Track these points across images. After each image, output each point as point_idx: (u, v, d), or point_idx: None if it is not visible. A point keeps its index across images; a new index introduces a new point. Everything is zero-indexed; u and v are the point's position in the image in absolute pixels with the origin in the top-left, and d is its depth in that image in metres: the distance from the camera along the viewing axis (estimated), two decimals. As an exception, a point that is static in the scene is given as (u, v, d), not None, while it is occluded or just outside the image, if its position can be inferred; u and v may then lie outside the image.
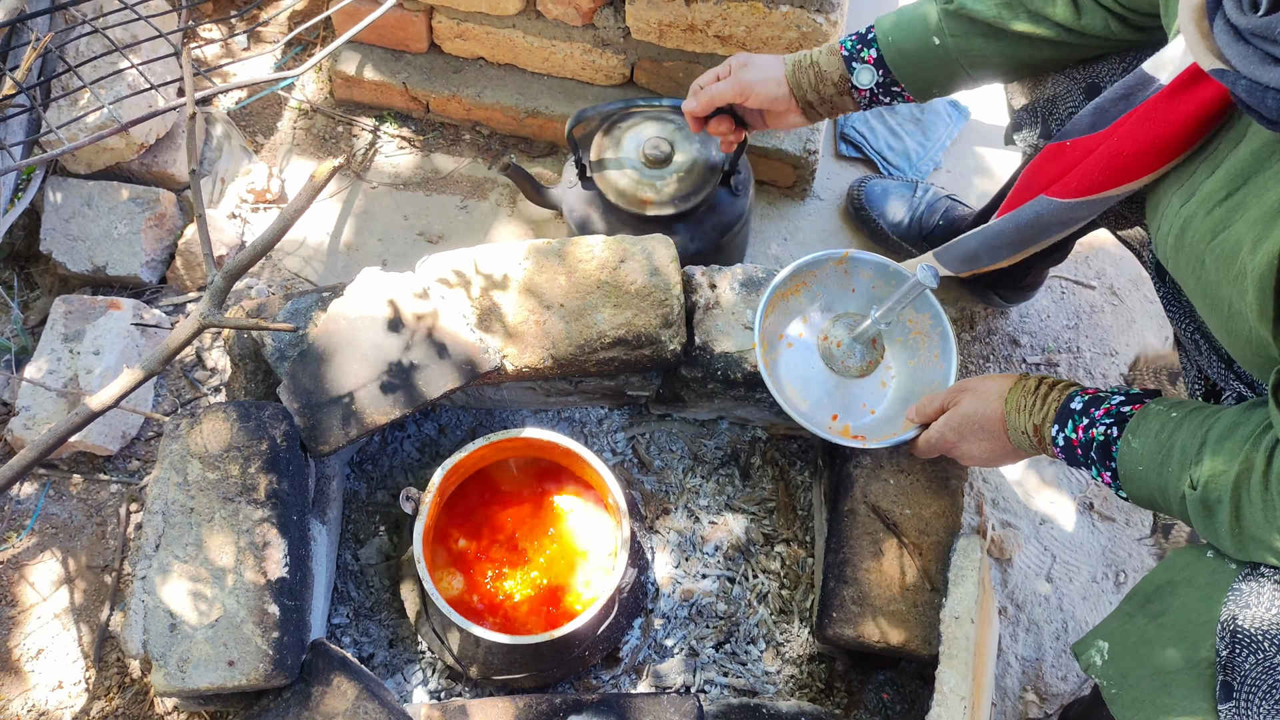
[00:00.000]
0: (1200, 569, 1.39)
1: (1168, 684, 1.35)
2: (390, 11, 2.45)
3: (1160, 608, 1.41)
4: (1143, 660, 1.39)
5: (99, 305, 2.30)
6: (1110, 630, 1.47)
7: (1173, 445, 1.39)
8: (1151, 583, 1.45)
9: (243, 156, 2.63)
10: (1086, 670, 1.48)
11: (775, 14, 2.23)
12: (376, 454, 2.23)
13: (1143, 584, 1.46)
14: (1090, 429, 1.51)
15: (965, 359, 2.52)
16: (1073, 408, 1.55)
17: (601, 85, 2.58)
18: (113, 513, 2.22)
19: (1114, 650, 1.44)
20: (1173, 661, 1.35)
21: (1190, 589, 1.38)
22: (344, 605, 2.10)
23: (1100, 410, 1.51)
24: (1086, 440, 1.52)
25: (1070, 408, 1.55)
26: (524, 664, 1.96)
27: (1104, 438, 1.49)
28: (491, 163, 2.68)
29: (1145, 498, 1.47)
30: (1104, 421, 1.50)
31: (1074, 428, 1.54)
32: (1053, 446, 1.58)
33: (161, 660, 1.71)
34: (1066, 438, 1.55)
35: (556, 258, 2.02)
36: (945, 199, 2.53)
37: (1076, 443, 1.54)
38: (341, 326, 1.94)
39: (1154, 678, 1.36)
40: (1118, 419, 1.49)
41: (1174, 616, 1.38)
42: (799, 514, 2.22)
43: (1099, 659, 1.46)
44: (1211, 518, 1.34)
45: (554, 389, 2.16)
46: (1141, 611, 1.44)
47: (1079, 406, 1.54)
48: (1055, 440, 1.57)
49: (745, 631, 2.12)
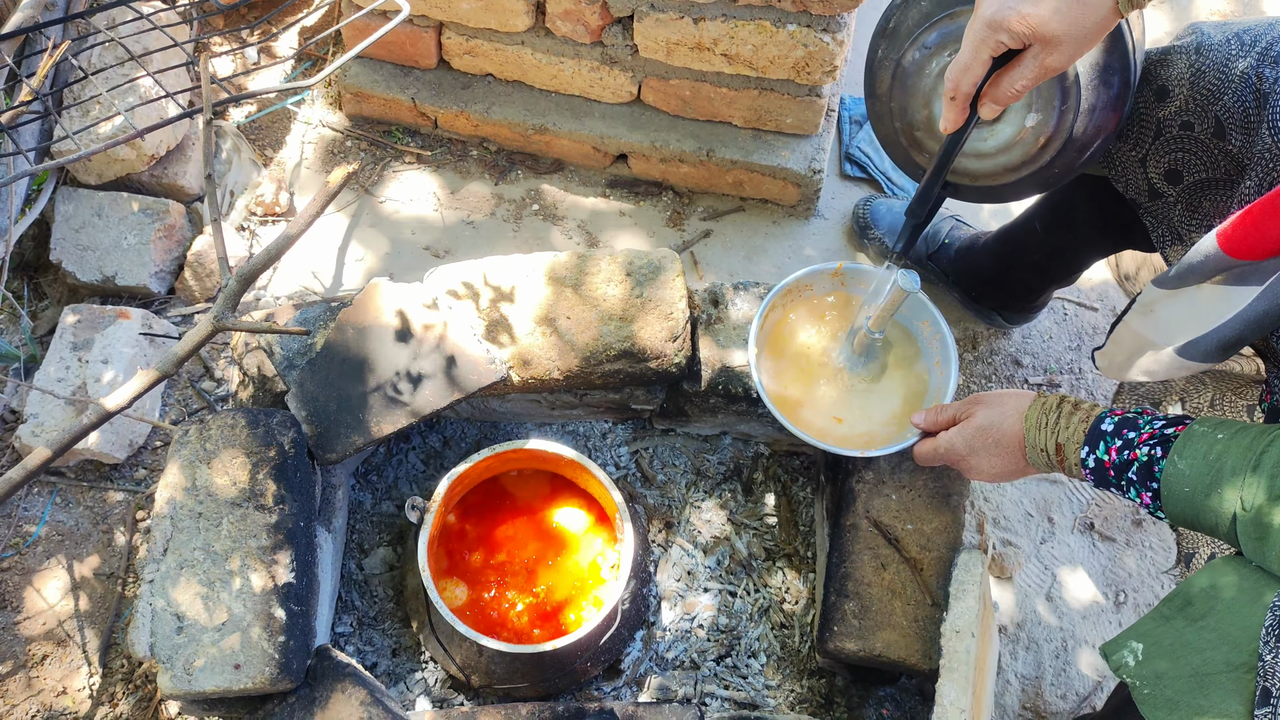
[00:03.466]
0: (1246, 576, 1.39)
1: (1205, 686, 1.35)
2: (400, 27, 2.49)
3: (1201, 610, 1.41)
4: (1180, 662, 1.39)
5: (108, 315, 2.31)
6: (1145, 632, 1.47)
7: (1222, 466, 1.38)
8: (1194, 585, 1.44)
9: (252, 170, 2.66)
10: (1117, 671, 1.48)
11: (782, 33, 2.26)
12: (381, 465, 2.24)
13: (1183, 587, 1.46)
14: (1127, 450, 1.50)
15: (968, 379, 2.53)
16: (1104, 429, 1.53)
17: (609, 103, 2.60)
18: (119, 520, 2.23)
19: (1149, 651, 1.44)
20: (1212, 664, 1.35)
21: (1236, 594, 1.38)
22: (348, 614, 2.10)
23: (1140, 434, 1.49)
24: (1124, 461, 1.50)
25: (1101, 429, 1.54)
26: (526, 674, 1.97)
27: (1147, 459, 1.47)
28: (498, 178, 2.70)
29: (1188, 518, 1.45)
30: (1148, 444, 1.47)
31: (1106, 449, 1.52)
32: (1080, 468, 1.56)
33: (168, 663, 1.72)
34: (1098, 459, 1.53)
35: (564, 271, 2.04)
36: (950, 219, 2.55)
37: (1109, 464, 1.52)
38: (349, 336, 1.96)
39: (1190, 679, 1.36)
40: (1161, 440, 1.47)
41: (1216, 620, 1.38)
42: (800, 529, 2.23)
43: (1132, 660, 1.45)
44: (1264, 540, 1.33)
45: (559, 402, 2.17)
46: (1181, 614, 1.43)
47: (1110, 428, 1.53)
48: (1085, 461, 1.55)
49: (746, 645, 2.13)
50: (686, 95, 2.52)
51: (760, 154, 2.56)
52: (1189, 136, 1.68)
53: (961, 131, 1.59)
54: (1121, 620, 2.31)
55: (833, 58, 2.30)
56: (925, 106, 1.75)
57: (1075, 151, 1.69)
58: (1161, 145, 1.72)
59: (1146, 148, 1.74)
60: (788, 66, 2.35)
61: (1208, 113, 1.64)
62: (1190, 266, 1.55)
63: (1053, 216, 2.21)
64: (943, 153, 1.63)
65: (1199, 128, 1.66)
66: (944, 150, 1.62)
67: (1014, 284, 2.43)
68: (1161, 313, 1.66)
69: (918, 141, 1.79)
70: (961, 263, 2.49)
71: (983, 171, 1.76)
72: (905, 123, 1.78)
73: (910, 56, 1.72)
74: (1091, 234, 2.16)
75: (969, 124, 1.58)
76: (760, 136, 2.57)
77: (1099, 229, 2.13)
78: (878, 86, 1.80)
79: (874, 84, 1.81)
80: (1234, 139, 1.62)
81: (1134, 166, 1.77)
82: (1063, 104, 1.64)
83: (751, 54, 2.34)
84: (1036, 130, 1.68)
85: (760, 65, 2.36)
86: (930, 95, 1.73)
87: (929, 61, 1.71)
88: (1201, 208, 1.73)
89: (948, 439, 1.77)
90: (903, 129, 1.79)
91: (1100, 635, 2.29)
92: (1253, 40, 1.60)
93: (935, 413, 1.83)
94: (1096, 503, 2.42)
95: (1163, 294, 1.63)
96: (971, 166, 1.76)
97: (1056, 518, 2.40)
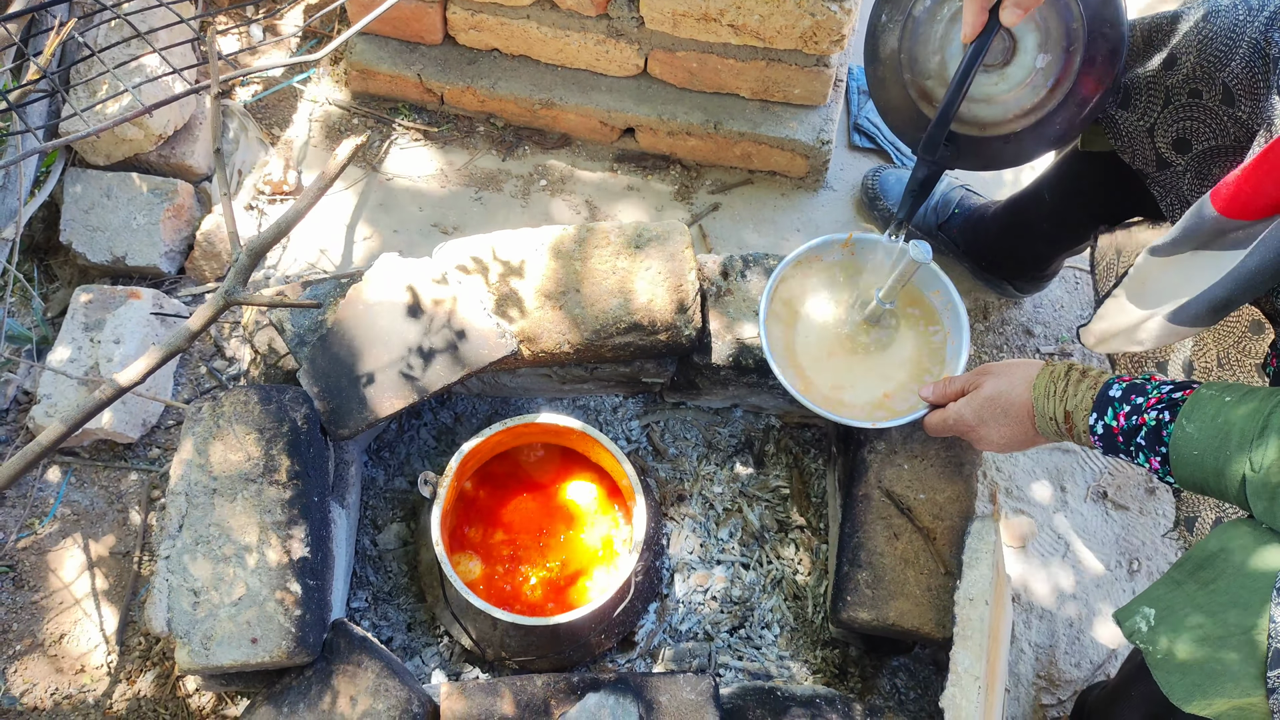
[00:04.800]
0: (1257, 538, 1.39)
1: (1217, 649, 1.35)
2: (405, 2, 2.48)
3: (1212, 574, 1.41)
4: (1193, 626, 1.39)
5: (119, 295, 2.32)
6: (1158, 597, 1.47)
7: (1230, 428, 1.38)
8: (1204, 549, 1.44)
9: (259, 149, 2.66)
10: (1130, 637, 1.48)
11: (789, 2, 2.25)
12: (393, 441, 2.25)
13: (1194, 552, 1.45)
14: (1135, 415, 1.50)
15: (979, 349, 2.53)
16: (1112, 395, 1.53)
17: (615, 76, 2.59)
18: (134, 499, 2.24)
19: (1161, 616, 1.44)
20: (1224, 627, 1.34)
21: (1245, 557, 1.38)
22: (363, 590, 2.11)
23: (1148, 399, 1.49)
24: (1132, 427, 1.50)
25: (1110, 395, 1.54)
26: (540, 646, 1.98)
27: (1155, 423, 1.47)
28: (505, 154, 2.69)
29: (1197, 482, 1.46)
30: (1155, 409, 1.47)
31: (1114, 415, 1.52)
32: (1089, 435, 1.57)
33: (185, 638, 1.72)
34: (1106, 425, 1.53)
35: (573, 244, 2.04)
36: (960, 189, 2.54)
37: (1118, 430, 1.52)
38: (360, 312, 1.96)
39: (1203, 643, 1.36)
40: (1169, 404, 1.47)
41: (1226, 583, 1.38)
42: (812, 500, 2.24)
43: (1144, 625, 1.46)
44: (1275, 500, 1.33)
45: (569, 376, 2.17)
46: (1192, 579, 1.43)
47: (1118, 394, 1.53)
48: (1094, 428, 1.55)
49: (759, 617, 2.14)
50: (694, 67, 2.51)
51: (768, 125, 2.55)
52: (1197, 104, 1.67)
53: (983, 41, 1.59)
54: (1135, 588, 2.31)
55: (840, 27, 2.29)
56: (938, 52, 1.75)
57: (1077, 105, 1.72)
58: (1170, 114, 1.71)
59: (1155, 117, 1.73)
60: (795, 36, 2.34)
61: (1215, 79, 1.63)
62: (1185, 230, 1.55)
63: (1062, 187, 2.20)
64: (961, 71, 1.63)
65: (1207, 95, 1.65)
66: (963, 67, 1.63)
67: (1024, 254, 2.42)
68: (1153, 283, 1.66)
69: (927, 93, 1.79)
70: (972, 233, 2.49)
71: (991, 119, 1.77)
72: (915, 74, 1.78)
73: (922, 4, 1.74)
74: (1100, 205, 2.15)
75: (990, 33, 1.58)
76: (768, 108, 2.56)
77: (1108, 200, 2.12)
78: (881, 49, 1.80)
79: (876, 47, 1.81)
80: (1243, 105, 1.61)
81: (1142, 136, 1.77)
82: (1069, 46, 1.69)
83: (759, 24, 2.33)
84: (1046, 72, 1.71)
85: (767, 35, 2.35)
86: (943, 41, 1.75)
87: (940, 7, 1.73)
88: (1211, 176, 1.72)
89: (956, 410, 1.77)
90: (912, 81, 1.79)
91: (1114, 603, 2.29)
92: (1260, 4, 1.58)
93: (944, 384, 1.83)
94: (1109, 471, 2.42)
95: (1156, 263, 1.62)
96: (981, 113, 1.77)
97: (1069, 486, 2.40)
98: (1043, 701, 2.20)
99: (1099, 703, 2.03)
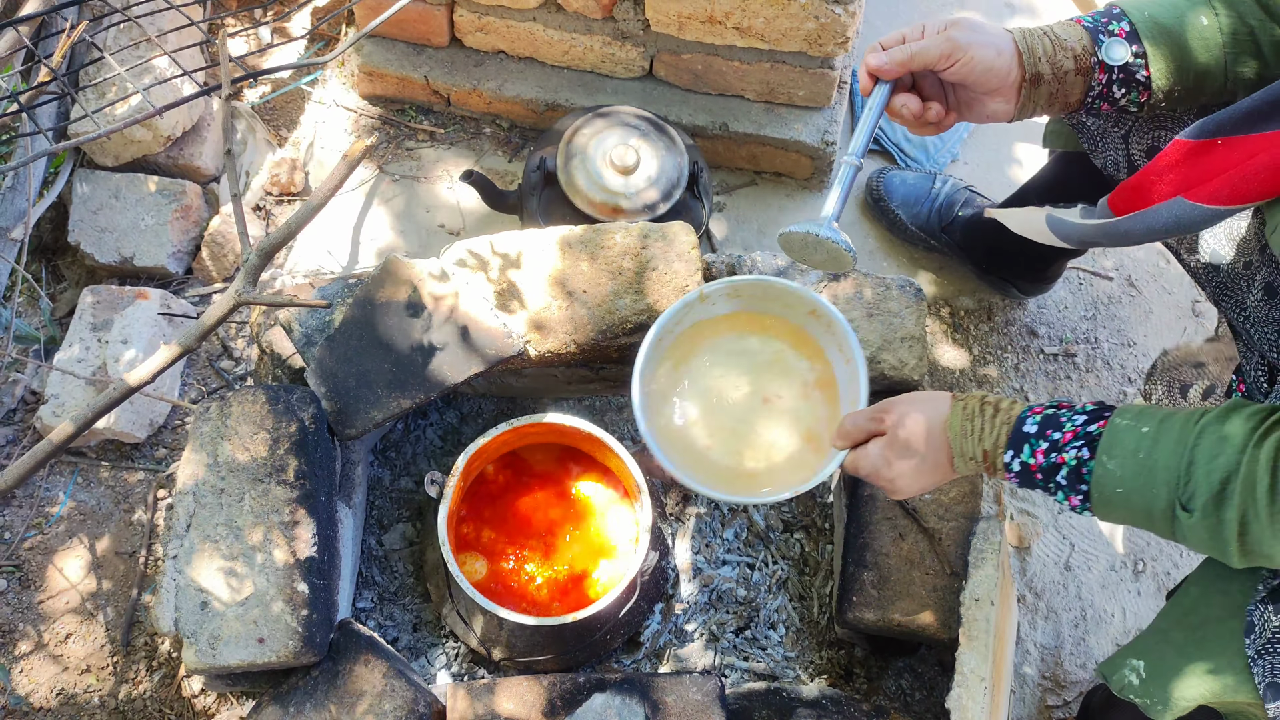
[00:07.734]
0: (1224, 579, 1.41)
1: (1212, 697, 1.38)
2: (412, 5, 2.49)
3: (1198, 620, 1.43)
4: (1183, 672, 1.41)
5: (127, 295, 2.33)
6: (1146, 648, 1.47)
7: (1155, 465, 1.34)
8: (1188, 595, 1.46)
9: (267, 151, 2.66)
10: (1120, 692, 1.46)
11: (794, 5, 2.26)
12: (399, 441, 2.25)
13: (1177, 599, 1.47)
14: (1054, 453, 1.43)
15: (983, 350, 2.53)
16: (1026, 430, 1.46)
17: (621, 78, 2.60)
18: (140, 500, 2.25)
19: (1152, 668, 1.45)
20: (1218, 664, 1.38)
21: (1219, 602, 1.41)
22: (369, 590, 2.12)
23: (1063, 434, 1.43)
24: (1050, 465, 1.43)
25: (1024, 431, 1.46)
26: (546, 647, 1.98)
27: (1075, 462, 1.41)
28: (511, 155, 2.70)
29: (1122, 518, 1.41)
30: (1073, 445, 1.41)
31: (1031, 452, 1.45)
32: (1005, 472, 1.49)
33: (193, 638, 1.73)
34: (1023, 463, 1.46)
35: (579, 244, 2.05)
36: (964, 190, 2.54)
37: (1035, 468, 1.45)
38: (367, 312, 1.97)
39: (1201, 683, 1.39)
40: (1086, 440, 1.41)
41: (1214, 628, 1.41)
42: (818, 501, 2.24)
43: (1135, 678, 1.45)
44: (1215, 537, 1.31)
45: (575, 376, 2.18)
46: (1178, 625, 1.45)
47: (1033, 429, 1.45)
48: (1009, 465, 1.47)
49: (765, 617, 2.14)
50: (699, 69, 2.51)
51: (773, 127, 2.55)
52: (1171, 115, 1.66)
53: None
54: (1140, 589, 2.31)
55: (845, 29, 2.30)
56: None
57: None
58: (1144, 123, 1.70)
59: (1129, 124, 1.72)
60: (800, 39, 2.35)
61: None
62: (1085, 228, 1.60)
63: (1050, 196, 2.19)
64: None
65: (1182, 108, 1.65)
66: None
67: (1025, 255, 2.43)
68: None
69: None
70: (974, 234, 2.49)
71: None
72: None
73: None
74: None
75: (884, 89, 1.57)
76: (773, 110, 2.57)
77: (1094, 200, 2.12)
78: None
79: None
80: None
81: (1116, 143, 1.75)
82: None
83: (764, 26, 2.33)
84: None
85: (772, 38, 2.36)
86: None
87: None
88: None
89: (870, 461, 1.61)
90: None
91: (1119, 604, 2.30)
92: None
93: (850, 424, 1.67)
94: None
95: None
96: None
97: (1074, 488, 2.40)
98: (1048, 703, 2.20)
99: (1104, 704, 2.03)
